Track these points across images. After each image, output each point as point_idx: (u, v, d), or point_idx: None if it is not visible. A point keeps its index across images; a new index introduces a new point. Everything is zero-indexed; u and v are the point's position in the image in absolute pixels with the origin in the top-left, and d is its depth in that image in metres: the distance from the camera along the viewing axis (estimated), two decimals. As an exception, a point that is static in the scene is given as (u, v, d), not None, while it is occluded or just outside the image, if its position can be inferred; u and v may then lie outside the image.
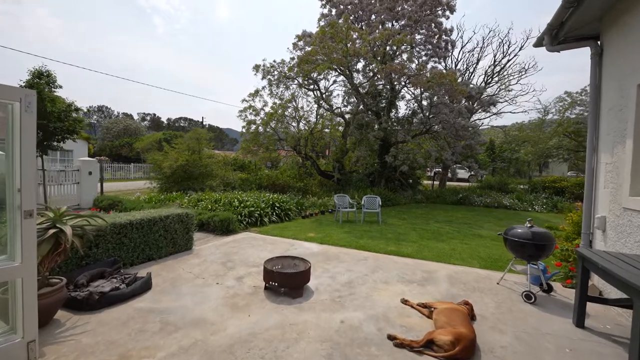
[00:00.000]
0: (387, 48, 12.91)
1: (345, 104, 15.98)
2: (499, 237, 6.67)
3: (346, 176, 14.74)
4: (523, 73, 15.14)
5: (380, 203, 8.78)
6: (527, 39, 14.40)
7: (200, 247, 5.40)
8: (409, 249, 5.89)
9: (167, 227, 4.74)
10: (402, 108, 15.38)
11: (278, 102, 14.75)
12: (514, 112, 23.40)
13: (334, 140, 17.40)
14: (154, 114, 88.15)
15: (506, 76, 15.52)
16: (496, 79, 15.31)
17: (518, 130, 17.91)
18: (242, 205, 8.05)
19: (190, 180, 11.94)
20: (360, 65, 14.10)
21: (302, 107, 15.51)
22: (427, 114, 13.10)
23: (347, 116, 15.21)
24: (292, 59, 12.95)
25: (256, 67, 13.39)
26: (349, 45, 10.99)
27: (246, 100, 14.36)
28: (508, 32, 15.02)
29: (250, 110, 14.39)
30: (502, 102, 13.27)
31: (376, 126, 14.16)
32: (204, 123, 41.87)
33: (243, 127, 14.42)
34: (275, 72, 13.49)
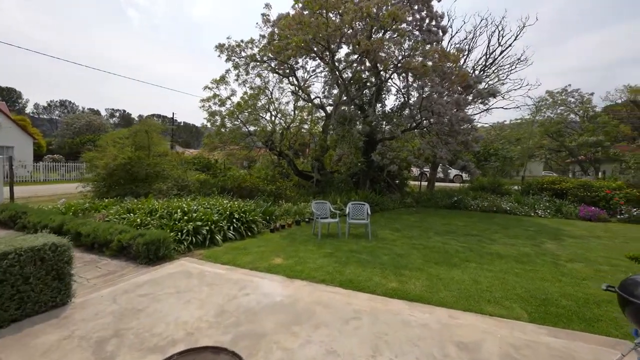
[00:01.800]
0: (373, 31, 11.16)
1: (326, 94, 14.12)
2: (529, 260, 5.10)
3: (327, 177, 12.89)
4: (517, 64, 13.91)
5: (369, 211, 6.97)
6: (524, 26, 13.21)
7: (87, 298, 3.30)
8: (417, 284, 4.08)
9: (6, 272, 2.64)
10: (391, 100, 13.52)
11: (249, 91, 12.66)
12: (506, 108, 22.51)
13: (313, 137, 15.50)
14: (124, 111, 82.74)
15: (500, 68, 14.25)
16: (490, 70, 14.00)
17: (510, 129, 16.86)
18: (186, 217, 5.95)
19: (135, 183, 9.64)
20: (343, 52, 12.30)
21: (277, 99, 13.51)
22: (417, 106, 11.49)
23: (328, 108, 13.34)
24: (263, 36, 10.89)
25: (219, 47, 11.21)
26: (330, 15, 9.11)
27: (209, 88, 12.15)
28: (502, 20, 14.01)
29: (215, 100, 12.19)
30: (494, 97, 12.00)
31: (359, 124, 12.41)
32: (178, 120, 38.69)
33: (205, 119, 12.20)
34: (243, 54, 11.38)
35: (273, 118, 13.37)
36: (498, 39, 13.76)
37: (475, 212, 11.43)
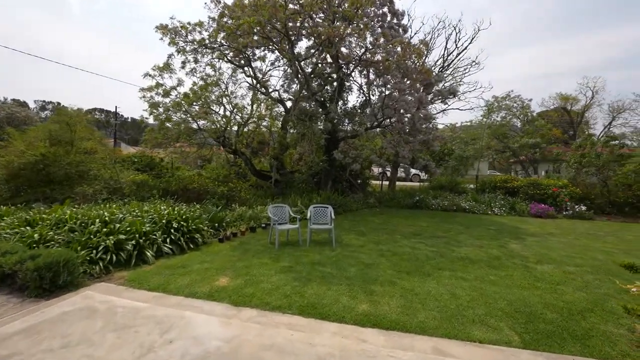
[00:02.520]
0: (335, 21, 10.54)
1: (286, 88, 13.23)
2: (501, 264, 4.51)
3: (287, 177, 12.02)
4: (472, 67, 14.33)
5: (332, 215, 6.27)
6: (479, 30, 13.64)
7: None
8: (392, 304, 3.44)
9: None
10: (353, 97, 13.07)
11: (200, 82, 11.31)
12: (462, 109, 23.52)
13: (272, 135, 14.51)
14: (58, 103, 73.33)
15: (456, 70, 14.58)
16: (447, 72, 14.24)
17: (461, 131, 17.54)
18: (106, 229, 4.71)
19: (51, 186, 7.91)
20: (303, 46, 11.55)
21: (232, 92, 12.30)
22: (379, 104, 11.14)
23: (288, 104, 12.47)
24: (213, 19, 9.66)
25: (162, 29, 9.72)
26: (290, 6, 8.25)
27: (151, 76, 10.56)
28: (458, 23, 14.55)
29: (159, 90, 10.64)
30: (452, 98, 12.21)
31: (321, 124, 11.75)
32: (124, 115, 34.67)
33: (146, 111, 10.60)
34: (190, 37, 10.03)
35: (227, 113, 12.15)
36: (455, 41, 14.04)
37: (437, 211, 11.41)
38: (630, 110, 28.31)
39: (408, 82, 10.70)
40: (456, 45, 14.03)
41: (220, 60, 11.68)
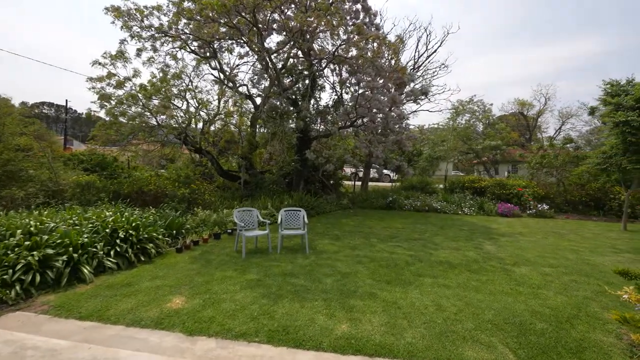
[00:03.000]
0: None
1: (255, 84, 12.54)
2: (480, 268, 3.98)
3: (256, 178, 11.34)
4: (441, 69, 14.60)
5: (305, 219, 5.79)
6: (448, 34, 13.93)
7: None
8: (374, 322, 3.04)
9: None
10: (326, 95, 12.68)
11: (159, 74, 10.33)
12: (431, 111, 24.11)
13: (242, 133, 13.71)
14: (-4, 95, 65.35)
15: (426, 72, 14.79)
16: (418, 74, 14.37)
17: (432, 132, 17.95)
18: (28, 243, 3.84)
19: (-29, 189, 6.64)
20: (274, 40, 10.95)
21: (196, 87, 11.39)
22: (353, 103, 10.87)
23: (258, 100, 11.79)
24: (172, 2, 8.75)
25: (113, 11, 8.62)
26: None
27: (101, 64, 9.40)
28: (429, 25, 14.86)
29: (111, 81, 9.50)
30: (423, 99, 12.35)
31: (292, 122, 11.25)
32: (77, 110, 31.44)
33: (94, 103, 9.42)
34: (146, 22, 9.03)
35: (192, 109, 11.23)
36: (426, 43, 14.20)
37: (410, 211, 11.36)
38: (576, 116, 30.84)
39: (381, 81, 10.54)
40: (426, 47, 14.22)
41: (183, 51, 10.77)
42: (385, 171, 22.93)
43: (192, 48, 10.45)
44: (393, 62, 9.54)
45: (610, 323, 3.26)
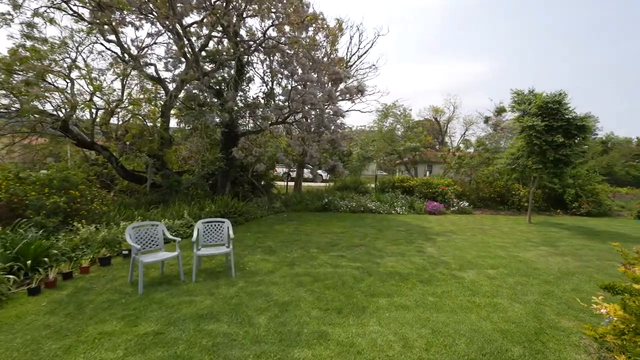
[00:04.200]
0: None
1: (169, 67, 10.47)
2: (431, 277, 3.78)
3: (171, 179, 9.39)
4: (371, 71, 14.74)
5: (231, 233, 4.57)
6: (378, 36, 14.10)
7: None
8: (331, 391, 2.13)
9: None
10: (257, 88, 11.38)
11: (28, 42, 7.67)
12: (363, 111, 24.65)
13: (149, 125, 11.36)
14: None
15: (358, 71, 14.76)
16: (352, 73, 14.21)
17: (360, 134, 18.28)
18: None
19: None
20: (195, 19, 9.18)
21: (90, 67, 8.89)
22: (286, 97, 9.90)
23: (171, 85, 9.80)
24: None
25: None
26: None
27: None
28: (360, 25, 14.87)
29: None
30: (359, 97, 12.18)
31: (217, 117, 9.70)
32: None
33: None
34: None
35: (81, 92, 8.71)
36: (358, 43, 14.11)
37: (346, 213, 10.95)
38: (476, 123, 35.81)
39: (316, 75, 9.83)
40: (359, 47, 14.16)
41: (65, 14, 8.21)
42: (319, 171, 22.62)
43: (75, 10, 8.02)
44: (328, 54, 8.88)
45: (573, 334, 3.04)
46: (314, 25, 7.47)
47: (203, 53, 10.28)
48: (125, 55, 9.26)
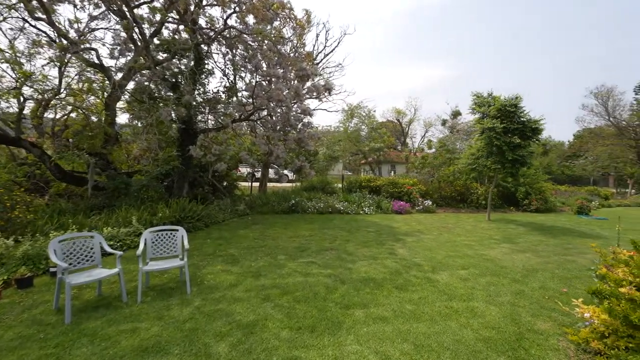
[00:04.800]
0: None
1: (116, 55, 9.31)
2: (406, 282, 3.62)
3: (118, 181, 8.32)
4: (338, 70, 14.60)
5: (186, 243, 3.99)
6: (344, 35, 13.99)
7: None
8: None
9: None
10: (218, 80, 10.59)
11: None
12: (329, 110, 24.44)
13: (94, 119, 10.03)
14: None
15: (324, 69, 14.53)
16: (318, 71, 13.89)
17: (325, 134, 18.16)
18: None
19: None
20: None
21: (19, 51, 7.58)
22: (250, 92, 9.31)
23: (117, 76, 8.70)
24: None
25: None
26: None
27: None
28: (327, 22, 14.63)
29: None
30: (326, 96, 11.89)
31: (174, 114, 8.82)
32: None
33: None
34: None
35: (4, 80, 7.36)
36: (325, 40, 13.85)
37: (314, 214, 10.61)
38: (434, 126, 37.59)
39: (282, 71, 9.36)
40: (325, 45, 13.91)
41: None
42: (285, 171, 22.03)
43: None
44: (296, 47, 8.45)
45: (550, 336, 2.98)
46: (280, 14, 7.00)
47: (157, 41, 9.33)
48: (63, 39, 8.03)
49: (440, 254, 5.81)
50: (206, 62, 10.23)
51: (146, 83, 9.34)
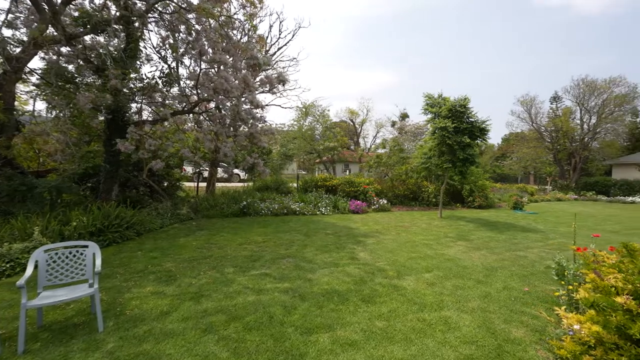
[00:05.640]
0: None
1: (19, 24, 7.47)
2: (372, 292, 3.59)
3: (14, 182, 6.62)
4: (293, 65, 13.97)
5: (98, 263, 3.04)
6: (299, 27, 13.36)
7: None
8: None
9: None
10: (156, 67, 9.36)
11: None
12: (283, 107, 23.52)
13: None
14: None
15: (278, 62, 13.76)
16: (272, 64, 13.09)
17: (279, 132, 17.45)
18: None
19: None
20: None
21: None
22: (194, 83, 8.20)
23: (14, 50, 6.94)
24: None
25: None
26: None
27: None
28: (281, 13, 13.85)
29: None
30: (283, 86, 11.13)
31: (103, 106, 7.38)
32: None
33: None
34: None
35: None
36: (279, 32, 13.10)
37: (268, 216, 9.85)
38: (385, 127, 39.00)
39: (231, 59, 8.43)
40: (279, 36, 13.16)
41: None
42: (235, 170, 20.64)
43: None
44: (246, 31, 7.60)
45: (527, 345, 2.77)
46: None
47: (75, 14, 7.77)
48: None
49: (403, 256, 5.57)
50: (142, 45, 8.86)
51: (65, 65, 7.74)
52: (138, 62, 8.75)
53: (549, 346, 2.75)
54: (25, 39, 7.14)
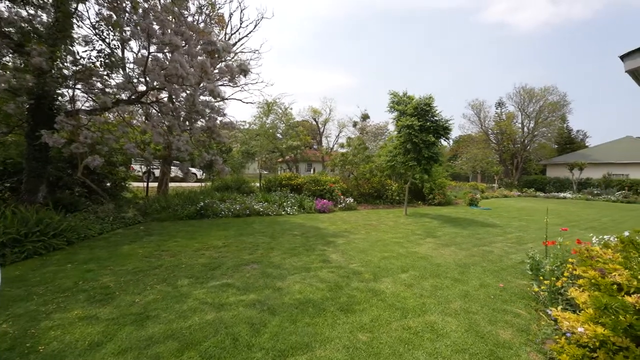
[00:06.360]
0: None
1: None
2: (350, 299, 3.20)
3: None
4: (255, 58, 13.25)
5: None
6: (262, 18, 12.64)
7: None
8: None
9: None
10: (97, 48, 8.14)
11: None
12: (245, 101, 22.32)
13: None
14: None
15: (240, 53, 12.92)
16: (231, 56, 12.21)
17: (239, 129, 16.53)
18: None
19: None
20: None
21: None
22: (142, 69, 7.19)
23: None
24: None
25: None
26: None
27: None
28: (242, 2, 12.87)
29: None
30: (244, 77, 10.28)
31: (12, 82, 6.14)
32: None
33: None
34: None
35: None
36: (239, 22, 12.27)
37: (229, 218, 9.09)
38: (347, 127, 39.42)
39: (185, 45, 7.57)
40: (240, 26, 12.32)
41: None
42: (192, 169, 19.14)
43: None
44: (202, 8, 6.80)
45: (518, 347, 2.59)
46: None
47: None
48: None
49: (376, 256, 5.31)
50: (79, 25, 7.60)
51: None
52: (72, 43, 7.48)
53: (538, 347, 2.61)
54: None
